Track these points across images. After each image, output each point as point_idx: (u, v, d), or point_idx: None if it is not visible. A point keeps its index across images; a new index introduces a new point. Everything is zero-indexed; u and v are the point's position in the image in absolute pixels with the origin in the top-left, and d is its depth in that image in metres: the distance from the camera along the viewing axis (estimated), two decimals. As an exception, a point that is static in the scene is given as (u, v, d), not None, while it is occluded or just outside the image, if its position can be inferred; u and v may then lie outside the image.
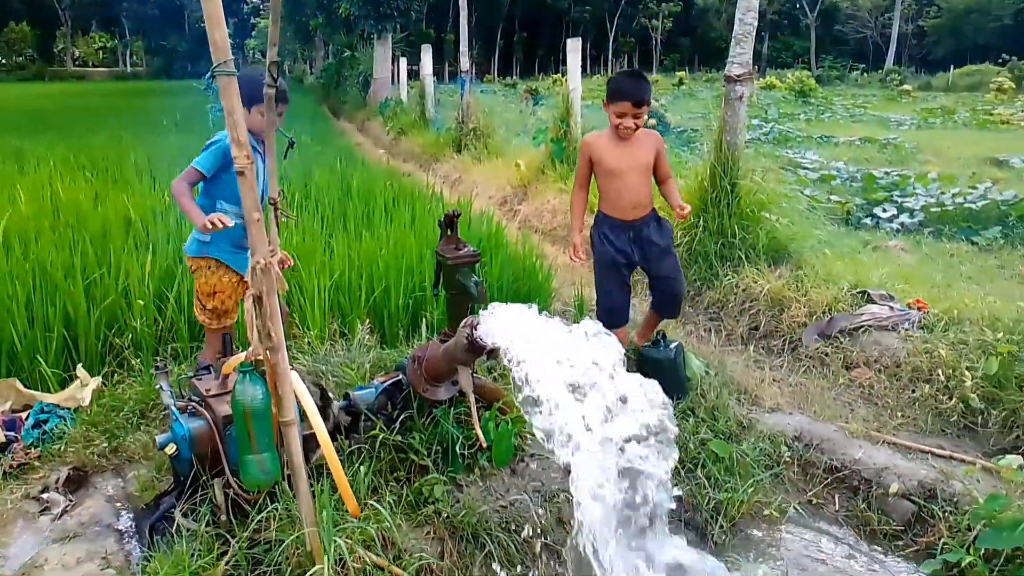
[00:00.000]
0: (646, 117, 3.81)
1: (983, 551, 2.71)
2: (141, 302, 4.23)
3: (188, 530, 2.66)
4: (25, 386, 3.83)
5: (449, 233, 3.23)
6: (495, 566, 2.72)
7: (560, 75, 35.82)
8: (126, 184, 7.19)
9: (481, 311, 2.45)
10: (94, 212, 5.91)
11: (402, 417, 3.02)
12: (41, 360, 3.89)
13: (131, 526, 2.96)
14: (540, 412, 2.07)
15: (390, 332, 4.58)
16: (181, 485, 2.89)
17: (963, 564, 2.74)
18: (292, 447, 2.20)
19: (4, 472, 3.31)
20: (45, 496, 3.17)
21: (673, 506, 2.22)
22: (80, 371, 3.89)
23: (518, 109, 20.90)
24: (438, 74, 17.02)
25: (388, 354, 3.98)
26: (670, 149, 9.35)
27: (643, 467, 2.13)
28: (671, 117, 15.71)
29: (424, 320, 4.46)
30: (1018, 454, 3.19)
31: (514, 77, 42.55)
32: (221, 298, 3.56)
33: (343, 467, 2.51)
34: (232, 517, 2.63)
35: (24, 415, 3.66)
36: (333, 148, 12.55)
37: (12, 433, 3.54)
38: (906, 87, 31.52)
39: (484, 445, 2.80)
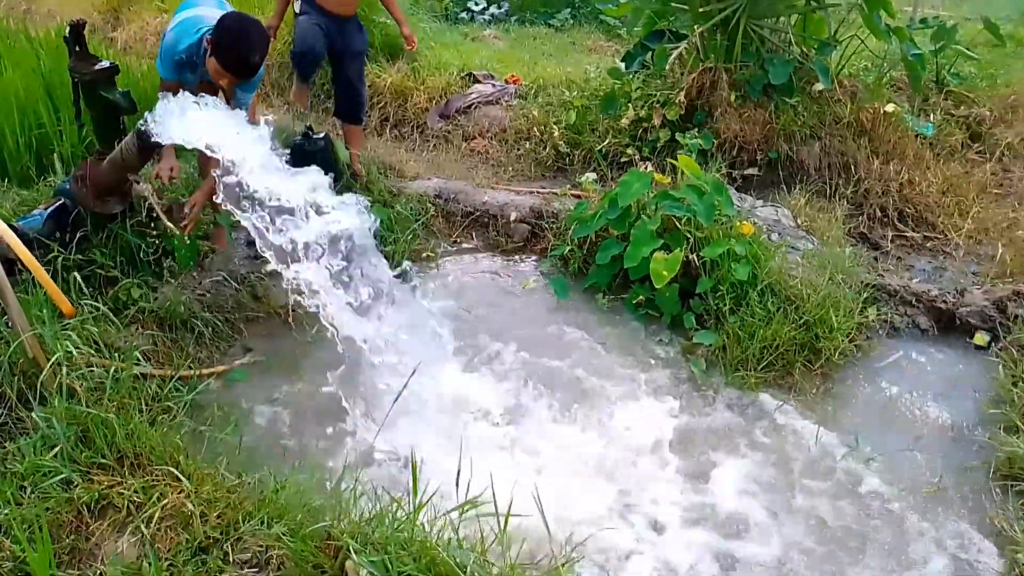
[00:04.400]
0: None
1: (577, 241, 3.71)
2: None
3: None
4: None
5: (78, 49, 3.17)
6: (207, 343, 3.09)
7: None
8: None
9: (156, 110, 2.60)
10: None
11: (77, 237, 3.09)
12: None
13: None
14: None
15: (18, 175, 4.32)
16: None
17: (565, 254, 3.73)
18: (-11, 263, 2.29)
19: None
20: None
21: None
22: None
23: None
24: None
25: (30, 194, 3.83)
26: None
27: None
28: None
29: (56, 154, 4.27)
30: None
31: None
32: None
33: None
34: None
35: None
36: None
37: None
38: None
39: (177, 231, 3.01)
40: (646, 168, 3.99)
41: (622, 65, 5.02)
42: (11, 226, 3.03)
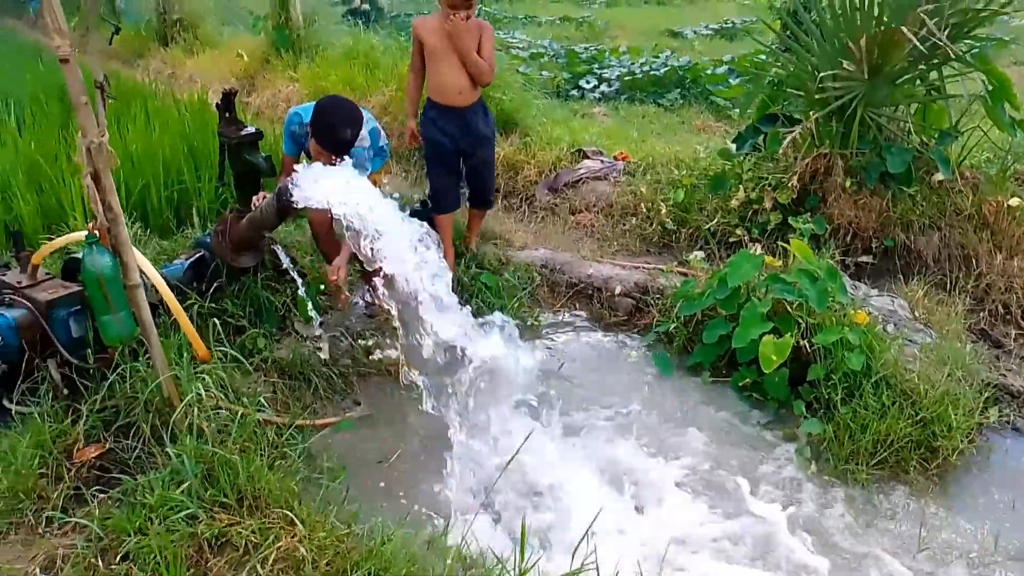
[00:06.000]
0: (475, 7, 3.81)
1: (683, 318, 3.71)
2: None
3: (23, 413, 2.82)
4: None
5: (227, 114, 3.46)
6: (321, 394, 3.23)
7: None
8: None
9: (295, 175, 2.80)
10: None
11: (213, 287, 3.32)
12: None
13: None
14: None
15: (159, 226, 4.67)
16: (3, 377, 2.99)
17: (670, 330, 3.74)
18: (141, 306, 2.49)
19: None
20: None
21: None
22: None
23: (212, -5, 19.47)
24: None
25: (169, 244, 4.14)
26: (388, 35, 9.68)
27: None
28: (383, 2, 15.75)
29: (195, 209, 4.61)
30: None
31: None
32: None
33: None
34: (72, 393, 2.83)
35: None
36: (13, 47, 11.17)
37: None
38: (592, -33, 33.58)
39: (300, 284, 3.18)
40: (756, 250, 3.99)
41: (732, 146, 5.05)
42: (156, 273, 3.29)
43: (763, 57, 8.66)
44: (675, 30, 13.55)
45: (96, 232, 2.40)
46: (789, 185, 4.46)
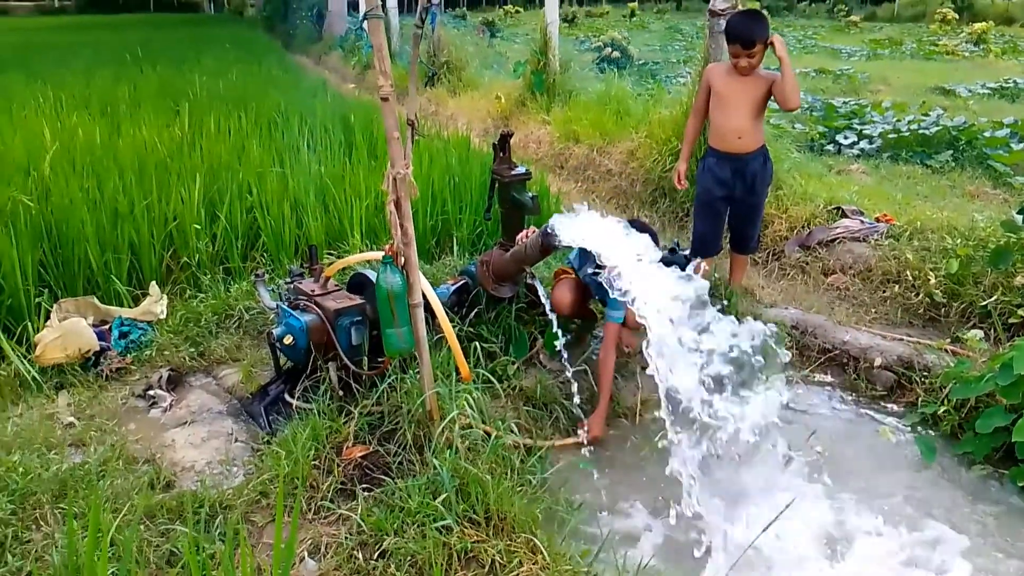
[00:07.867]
0: (762, 56, 3.85)
1: (954, 402, 3.37)
2: (197, 227, 4.62)
3: (303, 408, 3.15)
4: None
5: (502, 154, 3.68)
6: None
7: (512, 7, 35.54)
8: (132, 118, 7.38)
9: (555, 217, 2.92)
10: (116, 147, 6.14)
11: (472, 312, 3.53)
12: (116, 280, 4.27)
13: (240, 412, 3.42)
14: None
15: (421, 251, 5.05)
16: (289, 373, 3.37)
17: (938, 413, 3.41)
18: (418, 323, 2.70)
19: (105, 376, 3.72)
20: (151, 393, 3.60)
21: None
22: (153, 288, 4.26)
23: (474, 42, 20.90)
24: (400, 5, 16.96)
25: (430, 269, 4.46)
26: (637, 82, 9.81)
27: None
28: (632, 50, 16.06)
29: (455, 238, 4.94)
30: (976, 332, 3.87)
31: (462, 8, 41.51)
32: None
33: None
34: (345, 395, 3.13)
35: (106, 328, 4.05)
36: (308, 83, 12.67)
37: (104, 343, 3.93)
38: (852, 18, 31.96)
39: (553, 318, 3.27)
40: (1046, 335, 3.56)
41: (1018, 218, 4.56)
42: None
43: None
44: (946, 87, 12.54)
45: (392, 253, 2.64)
46: (1090, 267, 3.95)
